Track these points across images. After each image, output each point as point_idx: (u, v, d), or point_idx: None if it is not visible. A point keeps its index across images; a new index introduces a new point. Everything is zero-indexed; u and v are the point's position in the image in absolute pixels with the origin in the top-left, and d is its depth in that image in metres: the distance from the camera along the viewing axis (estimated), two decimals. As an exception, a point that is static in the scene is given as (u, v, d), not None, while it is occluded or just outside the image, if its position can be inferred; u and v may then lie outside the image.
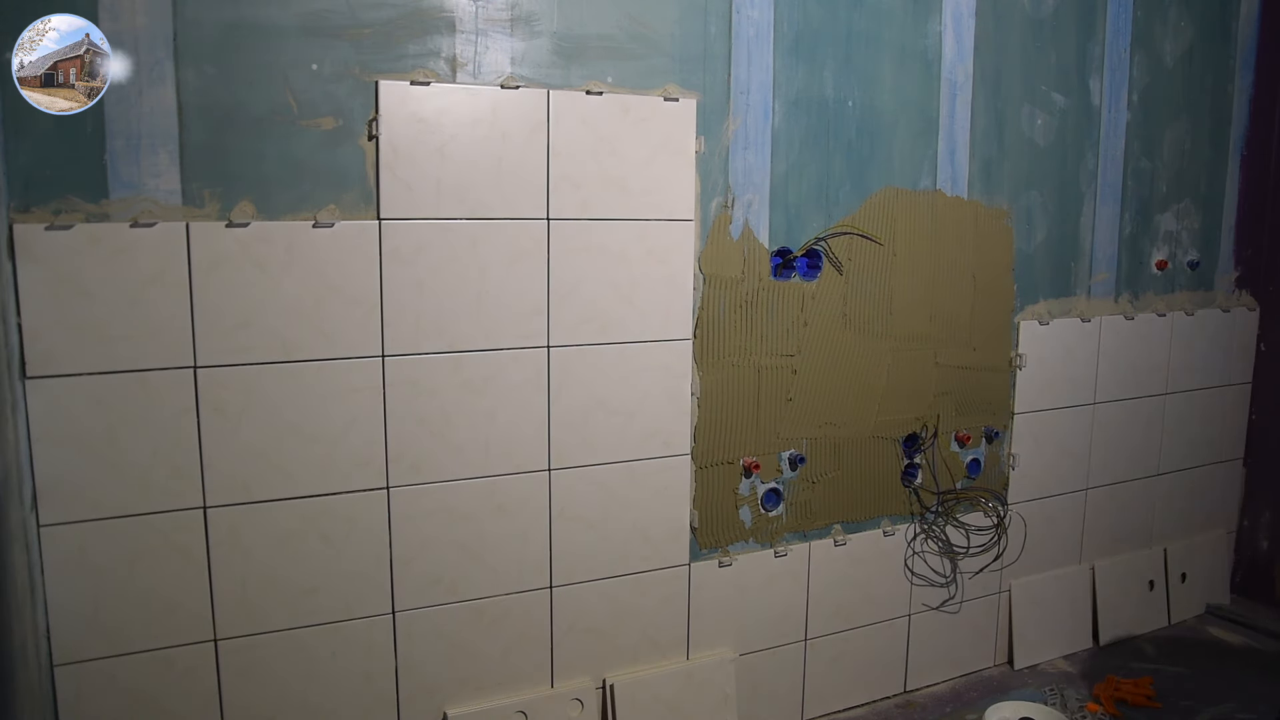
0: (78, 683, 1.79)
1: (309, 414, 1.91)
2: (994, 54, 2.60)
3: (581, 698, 2.25)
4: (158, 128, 1.74)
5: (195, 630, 1.88)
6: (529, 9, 2.01)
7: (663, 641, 2.36)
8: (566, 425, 2.16)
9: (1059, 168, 2.77)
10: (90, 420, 1.75)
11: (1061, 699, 2.66)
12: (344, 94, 1.87)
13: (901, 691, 2.74)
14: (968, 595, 2.80)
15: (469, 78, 1.97)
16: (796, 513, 2.49)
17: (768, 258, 2.34)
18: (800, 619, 2.54)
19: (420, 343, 1.99)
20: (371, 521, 2.00)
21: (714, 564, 2.39)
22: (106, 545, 1.79)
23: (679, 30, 2.16)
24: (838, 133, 2.39)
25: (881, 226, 2.48)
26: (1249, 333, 3.30)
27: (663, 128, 2.16)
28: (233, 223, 1.81)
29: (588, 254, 2.13)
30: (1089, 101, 2.80)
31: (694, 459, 2.32)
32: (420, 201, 1.95)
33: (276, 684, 1.96)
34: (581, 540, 2.22)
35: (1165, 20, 2.91)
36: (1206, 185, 3.11)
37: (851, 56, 2.38)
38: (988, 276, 2.67)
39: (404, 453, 2.01)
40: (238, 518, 1.88)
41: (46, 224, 1.68)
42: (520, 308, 2.08)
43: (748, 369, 2.35)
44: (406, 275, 1.96)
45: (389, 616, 2.05)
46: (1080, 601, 3.02)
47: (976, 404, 2.72)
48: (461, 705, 2.14)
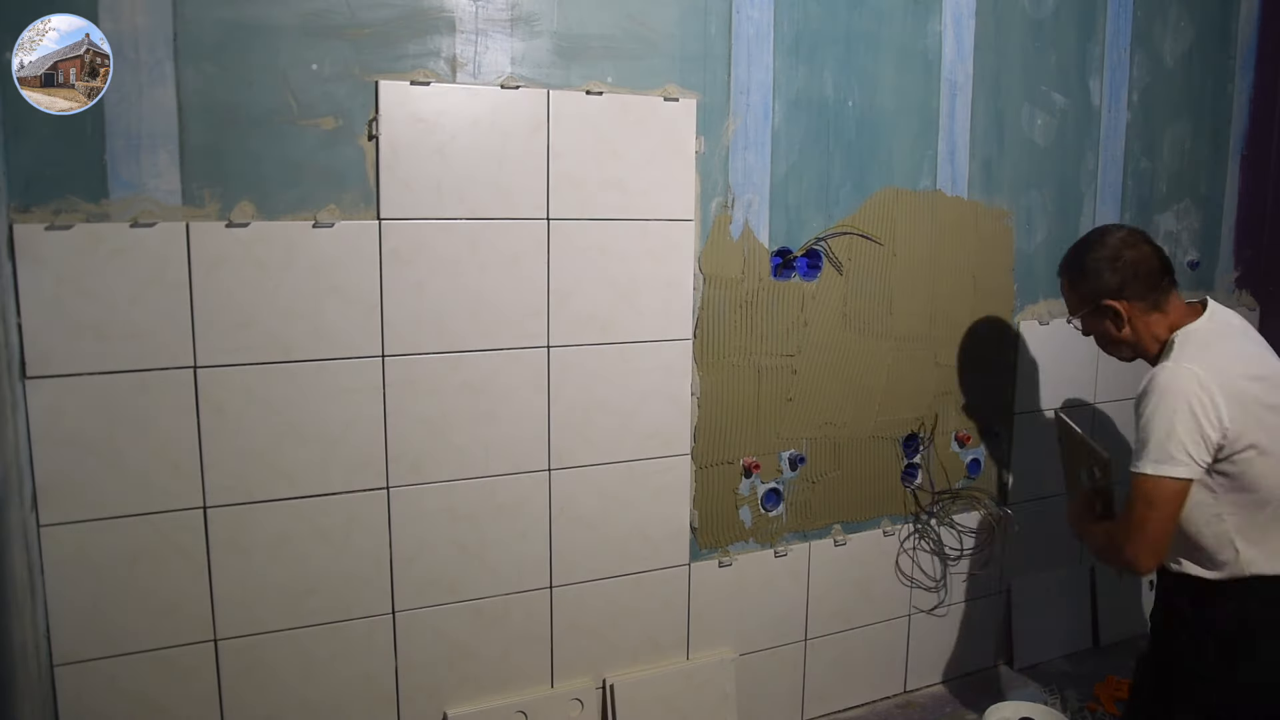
0: (78, 683, 1.80)
1: (309, 414, 1.91)
2: (994, 54, 2.60)
3: (581, 698, 2.25)
4: (158, 128, 1.74)
5: (195, 630, 1.88)
6: (529, 9, 2.01)
7: (663, 641, 2.36)
8: (566, 425, 2.16)
9: (1059, 168, 2.77)
10: (90, 420, 1.75)
11: (1061, 699, 2.66)
12: (344, 94, 1.87)
13: (901, 691, 2.74)
14: (967, 595, 2.80)
15: (469, 78, 1.97)
16: (796, 513, 2.49)
17: (768, 258, 2.34)
18: (800, 619, 2.54)
19: (420, 343, 1.99)
20: (371, 521, 2.00)
21: (714, 564, 2.39)
22: (106, 545, 1.79)
23: (679, 30, 2.16)
24: (838, 133, 2.39)
25: (881, 227, 2.48)
26: (1249, 333, 3.29)
27: (663, 128, 2.16)
28: (233, 223, 1.81)
29: (588, 254, 2.13)
30: (1089, 101, 2.80)
31: (694, 459, 2.32)
32: (420, 201, 1.95)
33: (276, 684, 1.96)
34: (581, 540, 2.22)
35: (1165, 20, 2.91)
36: (1206, 185, 3.11)
37: (851, 57, 2.38)
38: (988, 276, 2.67)
39: (404, 453, 2.01)
40: (238, 518, 1.88)
41: (46, 224, 1.68)
42: (520, 308, 2.08)
43: (748, 369, 2.35)
44: (406, 275, 1.96)
45: (389, 616, 2.05)
46: (1080, 601, 3.02)
47: (977, 404, 2.72)
48: (461, 705, 2.14)
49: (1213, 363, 1.73)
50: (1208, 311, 1.85)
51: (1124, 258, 1.87)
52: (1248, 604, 1.75)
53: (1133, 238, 1.89)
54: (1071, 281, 1.96)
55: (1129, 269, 1.86)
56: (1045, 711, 2.41)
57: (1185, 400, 1.69)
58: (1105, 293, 1.88)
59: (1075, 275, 1.94)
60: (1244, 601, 1.75)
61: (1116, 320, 1.89)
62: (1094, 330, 1.97)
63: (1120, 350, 1.96)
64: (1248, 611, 1.75)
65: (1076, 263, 1.94)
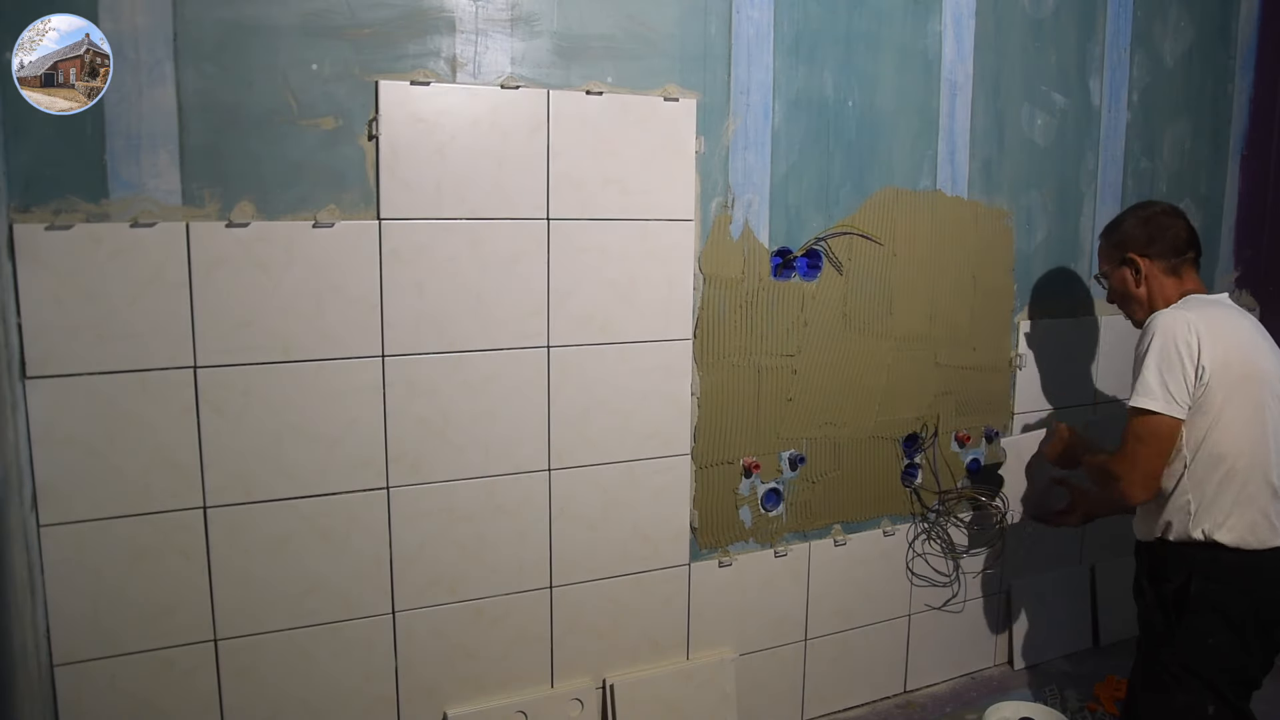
0: (78, 683, 1.79)
1: (309, 414, 1.91)
2: (994, 54, 2.60)
3: (581, 698, 2.25)
4: (158, 128, 1.74)
5: (195, 630, 1.88)
6: (529, 9, 2.01)
7: (663, 641, 2.36)
8: (566, 425, 2.16)
9: (1059, 168, 2.77)
10: (90, 420, 1.75)
11: (1061, 699, 2.66)
12: (344, 94, 1.87)
13: (901, 691, 2.74)
14: (968, 595, 2.80)
15: (469, 78, 1.97)
16: (796, 513, 2.48)
17: (768, 258, 2.34)
18: (800, 619, 2.54)
19: (420, 343, 1.99)
20: (371, 521, 2.00)
21: (714, 564, 2.39)
22: (106, 545, 1.79)
23: (679, 30, 2.16)
24: (838, 133, 2.39)
25: (881, 227, 2.48)
26: (1249, 333, 3.29)
27: (663, 128, 2.16)
28: (233, 223, 1.81)
29: (588, 254, 2.13)
30: (1089, 101, 2.80)
31: (694, 459, 2.32)
32: (420, 201, 1.95)
33: (276, 684, 1.96)
34: (581, 540, 2.22)
35: (1165, 20, 2.91)
36: (1206, 185, 3.11)
37: (851, 57, 2.38)
38: (988, 276, 2.67)
39: (404, 453, 2.01)
40: (238, 518, 1.88)
41: (46, 224, 1.68)
42: (520, 308, 2.08)
43: (748, 369, 2.35)
44: (406, 275, 1.96)
45: (389, 616, 2.05)
46: (1080, 601, 3.02)
47: (977, 404, 2.72)
48: (461, 705, 2.14)
49: (1209, 319, 1.91)
50: (1220, 296, 2.06)
51: (1157, 221, 2.08)
52: (1190, 576, 1.92)
53: (1171, 210, 2.12)
54: (1108, 235, 2.17)
55: (1157, 230, 2.07)
56: (1045, 711, 2.41)
57: (1174, 341, 1.88)
58: (1132, 245, 2.08)
59: (1112, 230, 2.16)
60: (1189, 573, 1.92)
61: (1136, 274, 2.08)
62: (1115, 281, 2.15)
63: (1133, 307, 2.15)
64: (1189, 583, 1.92)
65: (1117, 221, 2.16)
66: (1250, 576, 1.90)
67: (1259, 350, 1.95)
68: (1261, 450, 1.89)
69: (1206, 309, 1.95)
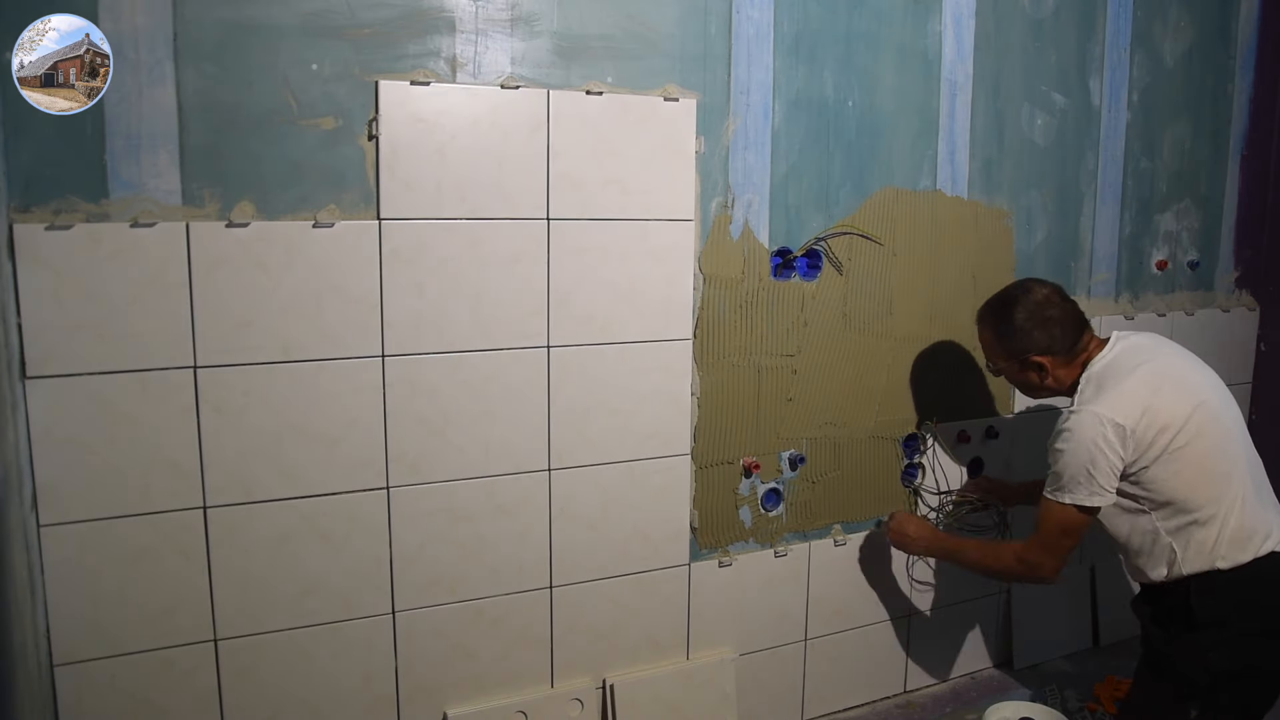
0: (78, 683, 1.79)
1: (309, 414, 1.91)
2: (994, 54, 2.60)
3: (581, 698, 2.25)
4: (158, 128, 1.74)
5: (195, 630, 1.88)
6: (529, 9, 2.01)
7: (663, 641, 2.36)
8: (566, 425, 2.16)
9: (1059, 168, 2.77)
10: (90, 420, 1.75)
11: (1061, 699, 2.66)
12: (344, 94, 1.87)
13: (901, 691, 2.74)
14: (967, 595, 2.80)
15: (469, 78, 1.97)
16: (796, 513, 2.49)
17: (768, 258, 2.34)
18: (800, 619, 2.54)
19: (420, 343, 1.99)
20: (371, 521, 2.00)
21: (714, 564, 2.39)
22: (107, 545, 1.79)
23: (679, 30, 2.16)
24: (838, 133, 2.39)
25: (881, 227, 2.48)
26: (1249, 333, 3.30)
27: (663, 128, 2.16)
28: (233, 223, 1.81)
29: (587, 254, 2.13)
30: (1089, 101, 2.80)
31: (694, 459, 2.32)
32: (420, 201, 1.95)
33: (276, 684, 1.96)
34: (581, 540, 2.22)
35: (1165, 20, 2.91)
36: (1206, 185, 3.11)
37: (851, 57, 2.38)
38: (988, 276, 2.67)
39: (404, 453, 2.01)
40: (238, 518, 1.88)
41: (46, 224, 1.68)
42: (520, 308, 2.08)
43: (748, 369, 2.35)
44: (406, 275, 1.96)
45: (389, 617, 2.05)
46: (1080, 601, 3.02)
47: (977, 404, 2.72)
48: (461, 705, 2.14)
49: (1111, 401, 1.92)
50: (1109, 346, 2.05)
51: (1051, 317, 2.05)
52: (1188, 598, 1.94)
53: (1056, 295, 2.08)
54: (998, 335, 2.13)
55: (1056, 327, 2.04)
56: (1045, 711, 2.41)
57: (1090, 440, 1.90)
58: (1033, 350, 2.06)
59: (1004, 330, 2.10)
60: (1184, 597, 1.94)
61: (1040, 372, 2.08)
62: (1016, 380, 2.17)
63: (1039, 394, 2.17)
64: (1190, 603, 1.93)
65: (1006, 319, 2.09)
66: (1249, 587, 1.90)
67: (1191, 388, 1.95)
68: (1235, 486, 1.91)
69: (1104, 393, 1.94)
